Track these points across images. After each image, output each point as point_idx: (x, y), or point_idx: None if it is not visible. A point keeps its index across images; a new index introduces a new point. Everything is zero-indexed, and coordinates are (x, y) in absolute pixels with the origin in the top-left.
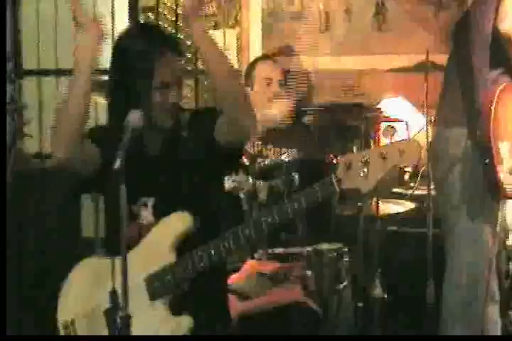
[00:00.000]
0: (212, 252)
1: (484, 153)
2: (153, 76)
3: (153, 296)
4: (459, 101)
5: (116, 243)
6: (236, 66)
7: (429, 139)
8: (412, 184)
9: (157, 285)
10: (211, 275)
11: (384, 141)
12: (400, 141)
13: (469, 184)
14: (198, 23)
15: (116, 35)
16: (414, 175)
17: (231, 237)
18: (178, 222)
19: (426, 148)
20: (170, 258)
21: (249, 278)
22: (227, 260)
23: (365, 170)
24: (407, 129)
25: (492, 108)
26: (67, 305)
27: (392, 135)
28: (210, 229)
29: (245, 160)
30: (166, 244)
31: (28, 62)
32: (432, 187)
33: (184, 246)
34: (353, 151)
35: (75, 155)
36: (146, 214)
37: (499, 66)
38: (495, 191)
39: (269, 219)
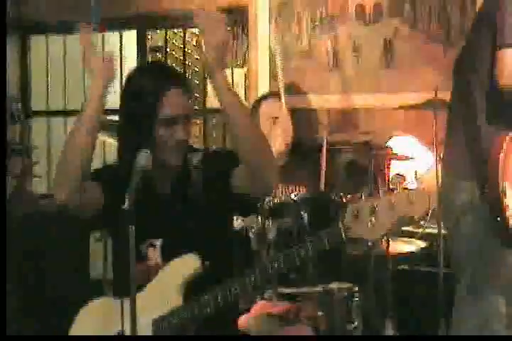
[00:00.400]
0: (219, 298)
1: (494, 204)
2: (158, 111)
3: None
4: (463, 148)
5: (125, 284)
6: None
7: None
8: (422, 222)
9: (164, 329)
10: (221, 316)
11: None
12: (409, 189)
13: (479, 232)
14: (222, 74)
15: (125, 74)
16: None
17: (237, 284)
18: (186, 265)
19: (435, 186)
20: (177, 301)
21: (258, 319)
22: (234, 304)
23: (373, 219)
24: (416, 177)
25: (500, 156)
26: None
27: (401, 183)
28: (220, 269)
29: None
30: (174, 287)
31: (37, 104)
32: (442, 226)
33: (193, 287)
34: (361, 196)
35: (76, 196)
36: (154, 255)
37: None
38: (506, 238)
39: (276, 266)
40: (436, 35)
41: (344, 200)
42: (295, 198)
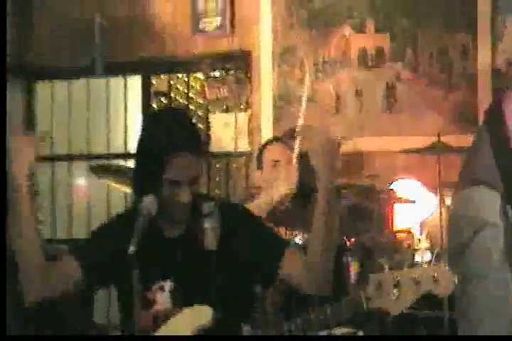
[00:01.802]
0: None
1: None
2: (163, 172)
3: None
4: (491, 159)
5: (131, 329)
6: (248, 148)
7: (442, 221)
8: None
9: None
10: None
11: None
12: (431, 263)
13: (499, 248)
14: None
15: (143, 118)
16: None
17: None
18: (199, 316)
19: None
20: None
21: None
22: None
23: (396, 292)
24: (421, 233)
25: None
26: None
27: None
28: (228, 321)
29: None
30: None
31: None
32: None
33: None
34: (383, 270)
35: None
36: (163, 300)
37: None
38: None
39: (293, 329)
40: (438, 79)
41: (348, 244)
42: (299, 242)
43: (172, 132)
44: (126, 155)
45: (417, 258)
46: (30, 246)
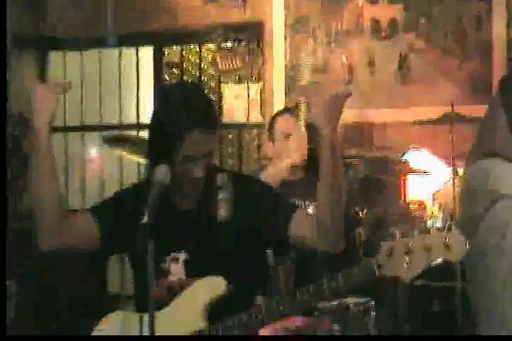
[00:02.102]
0: (244, 320)
1: None
2: (177, 148)
3: None
4: (506, 131)
5: (145, 300)
6: (259, 119)
7: (455, 192)
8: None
9: None
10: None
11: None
12: (442, 231)
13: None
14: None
15: (157, 91)
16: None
17: (263, 309)
18: (212, 287)
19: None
20: (200, 323)
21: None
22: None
23: (408, 259)
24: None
25: None
26: None
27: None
28: (243, 291)
29: None
30: (197, 309)
31: (55, 119)
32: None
33: (216, 309)
34: (395, 237)
35: (61, 239)
36: (177, 270)
37: None
38: None
39: (306, 298)
40: (452, 49)
41: (360, 215)
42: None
43: (187, 108)
44: (138, 126)
45: (429, 224)
46: (47, 193)
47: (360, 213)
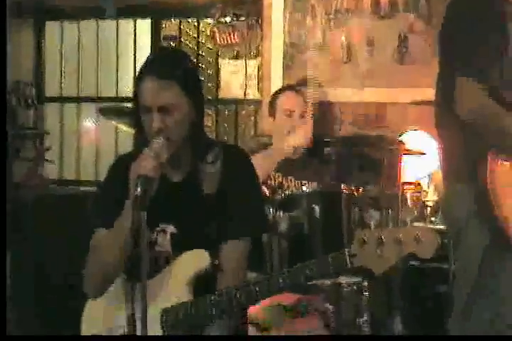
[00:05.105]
0: (223, 301)
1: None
2: (138, 100)
3: (164, 330)
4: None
5: (136, 270)
6: (257, 96)
7: None
8: (432, 218)
9: (170, 320)
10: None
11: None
12: (416, 226)
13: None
14: None
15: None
16: (434, 210)
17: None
18: (197, 260)
19: None
20: (186, 295)
21: (269, 310)
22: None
23: (379, 251)
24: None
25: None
26: (88, 323)
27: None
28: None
29: (266, 192)
30: (183, 281)
31: (51, 89)
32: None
33: (203, 282)
34: (370, 227)
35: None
36: (164, 242)
37: None
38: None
39: (281, 281)
40: None
41: (356, 193)
42: (306, 190)
43: (148, 61)
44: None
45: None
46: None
47: (355, 192)
